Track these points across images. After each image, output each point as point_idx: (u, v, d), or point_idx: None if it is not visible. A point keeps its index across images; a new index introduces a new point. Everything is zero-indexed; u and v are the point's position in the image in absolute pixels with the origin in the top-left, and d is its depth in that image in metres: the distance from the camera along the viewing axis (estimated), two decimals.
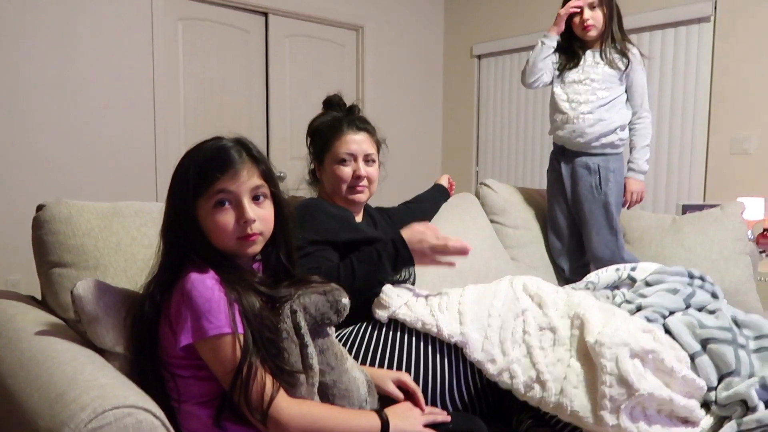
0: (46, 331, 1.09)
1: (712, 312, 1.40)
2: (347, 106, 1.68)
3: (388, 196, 1.94)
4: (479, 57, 4.69)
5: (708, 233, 2.27)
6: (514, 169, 4.52)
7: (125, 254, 1.32)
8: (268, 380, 1.00)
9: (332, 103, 1.68)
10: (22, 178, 3.07)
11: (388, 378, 1.22)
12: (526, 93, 4.39)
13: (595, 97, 2.14)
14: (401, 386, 1.23)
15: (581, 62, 2.19)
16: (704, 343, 1.31)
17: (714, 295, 1.47)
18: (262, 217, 1.09)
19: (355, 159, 1.59)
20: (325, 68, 4.27)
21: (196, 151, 1.09)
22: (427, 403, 1.27)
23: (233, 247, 1.08)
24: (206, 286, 1.00)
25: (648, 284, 1.52)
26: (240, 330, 0.99)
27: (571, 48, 2.25)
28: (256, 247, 1.11)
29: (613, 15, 2.17)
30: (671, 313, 1.41)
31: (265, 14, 3.92)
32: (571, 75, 2.20)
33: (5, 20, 2.96)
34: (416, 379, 1.27)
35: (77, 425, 0.76)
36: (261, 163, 1.12)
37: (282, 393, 1.00)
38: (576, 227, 2.25)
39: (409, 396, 1.22)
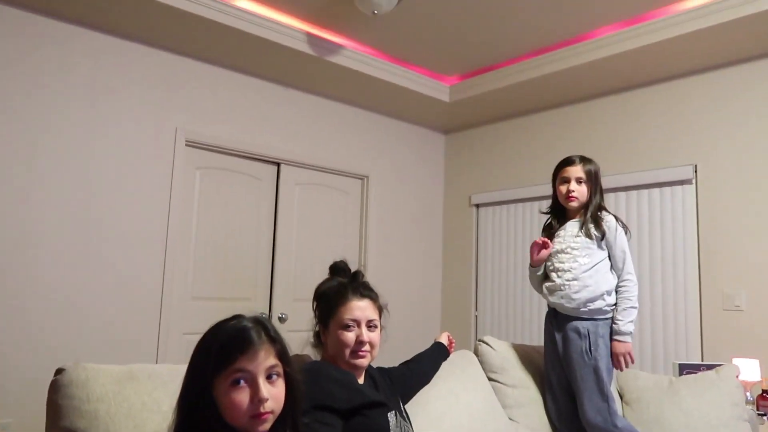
0: None
1: None
2: (352, 272, 1.78)
3: (390, 345, 1.99)
4: (477, 206, 4.95)
5: (705, 397, 2.29)
6: (513, 315, 4.58)
7: (135, 420, 1.35)
8: None
9: (338, 268, 1.79)
10: (20, 320, 3.09)
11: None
12: (522, 241, 4.57)
13: (577, 264, 2.25)
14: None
15: (563, 232, 2.34)
16: None
17: None
18: (274, 395, 1.15)
19: (359, 325, 1.67)
20: (331, 214, 4.49)
21: (219, 330, 1.17)
22: None
23: (244, 425, 1.12)
24: None
25: None
26: None
27: (556, 213, 2.44)
28: (266, 426, 1.15)
29: (596, 190, 2.35)
30: None
31: (278, 164, 4.22)
32: (556, 245, 2.34)
33: (24, 159, 3.17)
34: None
35: None
36: (277, 343, 1.19)
37: None
38: (571, 390, 2.27)
39: None
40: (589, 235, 2.27)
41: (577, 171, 2.33)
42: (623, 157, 4.06)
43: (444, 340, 2.26)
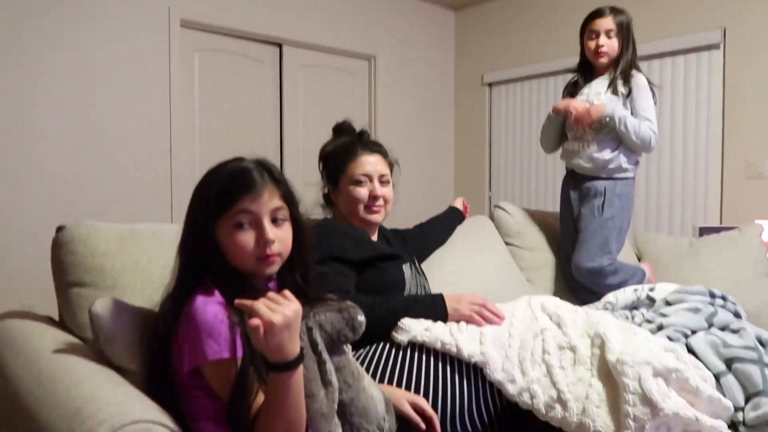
0: (63, 350, 1.09)
1: (735, 331, 1.37)
2: (357, 131, 1.69)
3: (402, 223, 1.94)
4: (490, 85, 4.74)
5: (726, 255, 2.24)
6: (527, 194, 4.52)
7: (142, 274, 1.32)
8: (262, 397, 0.98)
9: (342, 128, 1.70)
10: (39, 203, 3.10)
11: (404, 399, 1.20)
12: (538, 119, 4.41)
13: (599, 124, 2.12)
14: (418, 410, 1.20)
15: (588, 90, 2.19)
16: (729, 362, 1.28)
17: (737, 315, 1.44)
18: (281, 238, 1.10)
19: (371, 180, 1.60)
20: (338, 97, 4.33)
21: (218, 171, 1.10)
22: (446, 425, 1.25)
23: (251, 267, 1.08)
24: (208, 310, 1.00)
25: (668, 303, 1.49)
26: (239, 354, 0.98)
27: (584, 71, 2.26)
28: (274, 268, 1.11)
29: (628, 44, 2.16)
30: (693, 332, 1.39)
31: (279, 45, 4.00)
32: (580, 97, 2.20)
33: (25, 47, 3.04)
34: (435, 401, 1.25)
35: None
36: (282, 184, 1.13)
37: None
38: None
39: (426, 421, 1.20)
40: (615, 93, 2.12)
41: (607, 23, 2.13)
42: (646, 24, 3.77)
43: (459, 204, 2.20)
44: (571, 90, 2.27)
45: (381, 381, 1.28)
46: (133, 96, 3.38)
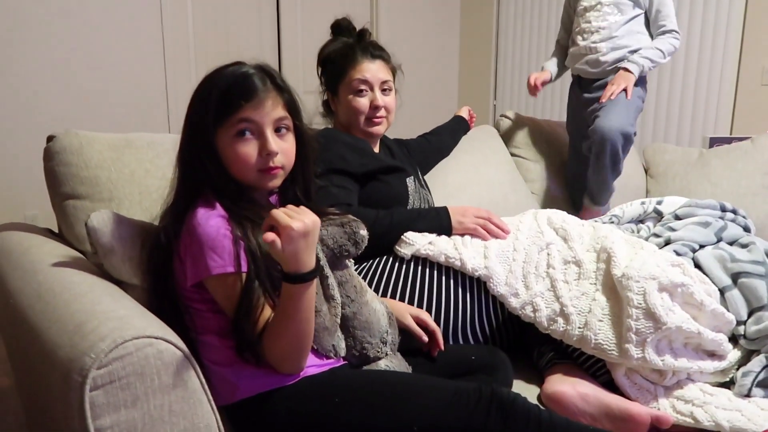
0: (62, 262, 1.07)
1: (744, 246, 1.35)
2: (357, 30, 1.58)
3: (403, 130, 1.87)
4: None
5: (736, 167, 2.19)
6: (533, 103, 4.39)
7: (139, 186, 1.28)
8: (268, 312, 0.97)
9: (341, 27, 1.58)
10: (36, 112, 3.03)
11: (407, 312, 1.20)
12: (547, 25, 4.20)
13: (606, 23, 1.99)
14: (421, 324, 1.21)
15: None
16: (735, 277, 1.27)
17: (746, 229, 1.42)
18: (284, 150, 1.05)
19: (372, 88, 1.52)
20: None
21: (218, 77, 1.03)
22: (448, 337, 1.26)
23: (253, 180, 1.04)
24: (211, 224, 0.97)
25: (678, 218, 1.47)
26: (244, 268, 0.97)
27: None
28: (277, 181, 1.07)
29: None
30: (702, 247, 1.37)
31: None
32: (583, 2, 2.05)
33: None
34: (438, 312, 1.26)
35: (97, 355, 0.74)
36: (285, 93, 1.06)
37: None
38: None
39: (429, 335, 1.21)
40: None
41: None
42: None
43: (464, 113, 2.12)
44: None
45: (384, 294, 1.29)
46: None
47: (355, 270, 1.29)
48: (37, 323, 0.87)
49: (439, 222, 1.36)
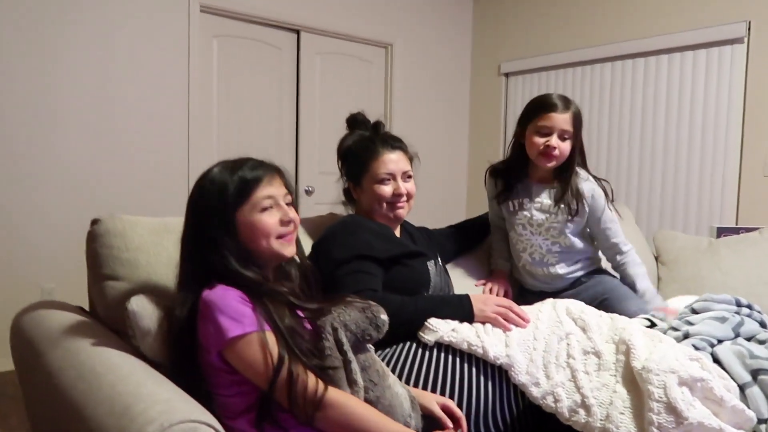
0: (101, 342, 1.11)
1: (762, 342, 1.37)
2: (372, 123, 1.69)
3: (413, 215, 1.94)
4: (507, 75, 4.70)
5: (747, 256, 2.23)
6: None
7: (175, 270, 1.34)
8: (311, 377, 1.02)
9: (357, 121, 1.69)
10: (57, 190, 3.14)
11: (433, 400, 1.23)
12: None
13: (557, 248, 1.82)
14: (446, 411, 1.23)
15: (529, 204, 1.83)
16: (755, 373, 1.28)
17: (762, 324, 1.44)
18: (295, 219, 1.18)
19: (394, 178, 1.60)
20: (355, 84, 4.32)
21: (230, 169, 1.15)
22: (470, 425, 1.27)
23: (271, 248, 1.13)
24: (222, 294, 1.04)
25: (694, 311, 1.50)
26: (267, 328, 1.02)
27: (515, 169, 1.87)
28: (293, 248, 1.18)
29: (579, 149, 1.81)
30: (720, 341, 1.39)
31: (297, 32, 3.99)
32: (518, 218, 1.84)
33: (44, 37, 3.05)
34: (460, 400, 1.27)
35: None
36: (282, 171, 1.21)
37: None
38: None
39: (454, 421, 1.22)
40: (570, 211, 1.77)
41: (563, 121, 1.72)
42: (666, 15, 3.74)
43: None
44: (502, 197, 1.88)
45: (407, 380, 1.31)
46: (152, 83, 3.38)
47: (379, 355, 1.32)
48: (83, 405, 0.91)
49: (461, 309, 1.40)
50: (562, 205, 1.78)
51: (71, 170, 3.17)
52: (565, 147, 1.74)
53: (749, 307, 1.50)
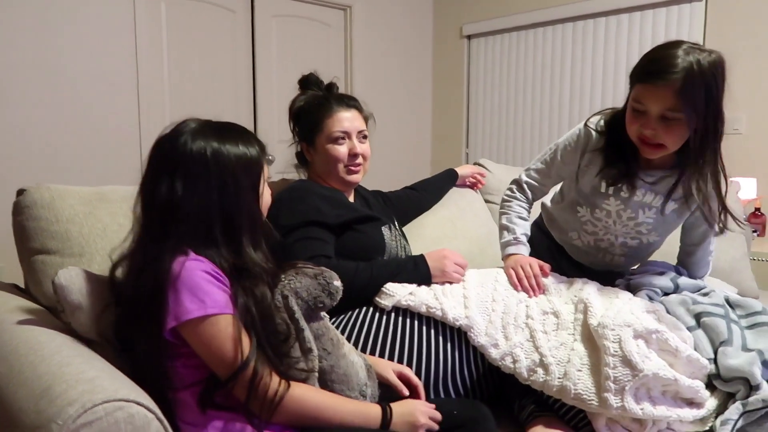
0: (28, 320, 1.04)
1: (705, 294, 1.40)
2: (325, 84, 1.62)
3: (376, 179, 1.89)
4: (469, 37, 4.62)
5: None
6: (504, 151, 4.48)
7: (112, 241, 1.25)
8: (275, 379, 0.97)
9: (309, 81, 1.62)
10: (4, 163, 2.98)
11: (389, 367, 1.19)
12: (516, 74, 4.34)
13: (635, 242, 1.50)
14: (403, 379, 1.19)
15: (624, 190, 1.41)
16: (698, 317, 1.31)
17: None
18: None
19: (349, 137, 1.54)
20: (313, 49, 4.18)
21: (243, 139, 1.11)
22: (429, 389, 1.24)
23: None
24: (191, 267, 0.97)
25: (632, 274, 1.51)
26: (227, 311, 0.96)
27: (624, 155, 1.37)
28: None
29: (710, 131, 1.28)
30: (665, 294, 1.41)
31: None
32: (607, 203, 1.45)
33: None
34: (419, 364, 1.24)
35: (65, 421, 0.71)
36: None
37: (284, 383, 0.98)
38: None
39: (411, 389, 1.19)
40: (685, 206, 1.40)
41: (666, 97, 1.22)
42: None
43: (466, 171, 2.13)
44: (603, 172, 1.40)
45: (365, 345, 1.27)
46: (97, 49, 3.21)
47: (334, 322, 1.28)
48: (2, 387, 0.84)
49: (418, 273, 1.36)
50: (676, 203, 1.38)
51: (15, 142, 3.00)
52: (673, 134, 1.25)
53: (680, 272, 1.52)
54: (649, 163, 1.38)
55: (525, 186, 1.61)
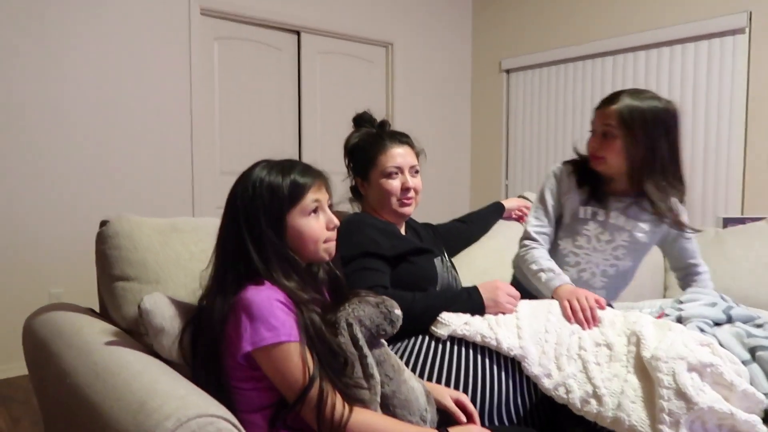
0: (114, 341, 1.12)
1: (759, 326, 1.40)
2: (378, 121, 1.70)
3: (417, 213, 1.95)
4: (508, 71, 4.71)
5: (753, 247, 2.23)
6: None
7: (185, 269, 1.35)
8: (339, 400, 1.02)
9: (363, 119, 1.70)
10: (61, 196, 3.15)
11: (446, 394, 1.23)
12: (555, 107, 4.39)
13: (613, 270, 1.68)
14: (459, 406, 1.23)
15: (602, 215, 1.65)
16: (752, 351, 1.30)
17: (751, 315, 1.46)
18: (339, 224, 1.18)
19: (402, 171, 1.61)
20: (356, 84, 4.33)
21: (274, 171, 1.14)
22: (483, 417, 1.27)
23: (319, 250, 1.14)
24: (262, 296, 1.04)
25: (681, 302, 1.51)
26: (297, 339, 1.02)
27: (593, 176, 1.66)
28: (333, 253, 1.18)
29: (656, 149, 1.55)
30: (717, 324, 1.41)
31: (298, 33, 4.00)
32: (587, 228, 1.66)
33: (47, 44, 3.07)
34: (474, 393, 1.28)
35: None
36: (328, 180, 1.21)
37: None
38: None
39: (467, 416, 1.23)
40: (660, 220, 1.64)
41: (607, 117, 1.56)
42: (667, 7, 3.74)
43: (512, 204, 2.19)
44: (582, 200, 1.67)
45: (421, 373, 1.31)
46: (154, 86, 3.40)
47: (391, 350, 1.33)
48: (99, 402, 0.91)
49: (471, 303, 1.40)
50: (646, 221, 1.62)
51: (75, 174, 3.18)
52: (610, 148, 1.55)
53: (734, 304, 1.51)
54: (616, 191, 1.65)
55: (534, 235, 1.73)
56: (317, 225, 1.14)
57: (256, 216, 1.10)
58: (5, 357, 3.02)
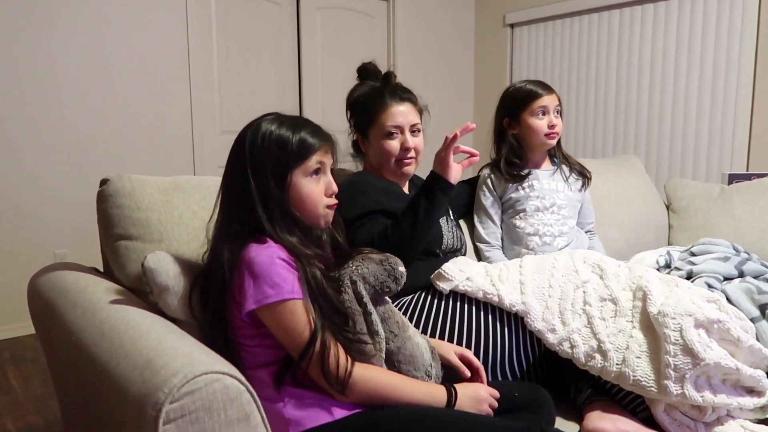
0: (120, 300, 1.12)
1: None
2: (382, 73, 1.65)
3: (421, 168, 1.92)
4: (512, 26, 4.60)
5: (759, 203, 2.21)
6: None
7: (187, 228, 1.34)
8: (341, 352, 1.02)
9: (367, 71, 1.65)
10: (62, 157, 3.13)
11: (451, 350, 1.23)
12: (561, 62, 4.30)
13: (567, 228, 1.84)
14: (464, 361, 1.24)
15: (537, 184, 1.85)
16: (763, 308, 1.30)
17: (765, 266, 1.45)
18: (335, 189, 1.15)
19: (402, 131, 1.57)
20: (356, 40, 4.23)
21: (284, 125, 1.11)
22: (487, 372, 1.28)
23: (319, 215, 1.13)
24: (267, 254, 1.03)
25: (693, 254, 1.50)
26: (300, 296, 1.02)
27: (517, 162, 1.87)
28: (331, 218, 1.16)
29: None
30: (726, 279, 1.40)
31: None
32: (531, 200, 1.83)
33: (38, 3, 2.99)
34: (476, 348, 1.28)
35: (170, 390, 0.78)
36: (335, 145, 1.18)
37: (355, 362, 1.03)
38: None
39: (472, 371, 1.23)
40: (584, 181, 1.92)
41: (554, 99, 1.83)
42: None
43: None
44: (516, 180, 1.85)
45: (425, 329, 1.32)
46: (151, 45, 3.33)
47: (395, 306, 1.33)
48: (105, 360, 0.91)
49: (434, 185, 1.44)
50: (574, 178, 1.91)
51: (72, 135, 3.15)
52: (560, 123, 1.85)
53: (747, 254, 1.49)
54: (538, 164, 1.90)
55: (486, 238, 1.87)
56: (317, 188, 1.12)
57: (263, 166, 1.08)
58: (15, 317, 3.05)
